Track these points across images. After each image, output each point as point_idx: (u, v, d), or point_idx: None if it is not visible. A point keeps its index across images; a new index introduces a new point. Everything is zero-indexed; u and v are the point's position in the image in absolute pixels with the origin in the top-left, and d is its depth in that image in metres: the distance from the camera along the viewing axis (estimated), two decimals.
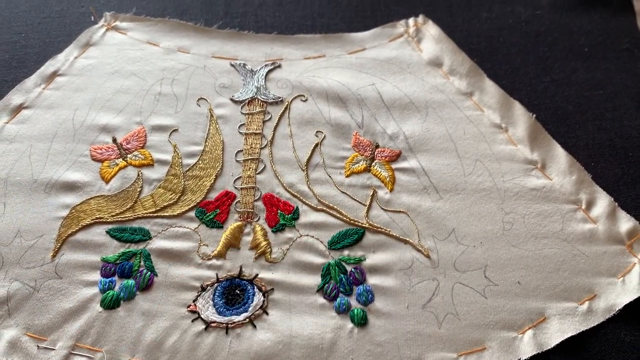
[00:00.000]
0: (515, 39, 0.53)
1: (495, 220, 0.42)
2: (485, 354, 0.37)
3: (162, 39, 0.52)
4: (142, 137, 0.46)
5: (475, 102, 0.48)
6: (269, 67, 0.50)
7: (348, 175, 0.44)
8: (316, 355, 0.37)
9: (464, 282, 0.39)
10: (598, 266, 0.40)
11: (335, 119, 0.47)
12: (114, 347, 0.37)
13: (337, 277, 0.39)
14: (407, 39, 0.52)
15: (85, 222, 0.41)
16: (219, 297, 0.39)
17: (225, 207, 0.43)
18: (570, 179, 0.43)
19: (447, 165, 0.44)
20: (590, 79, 0.50)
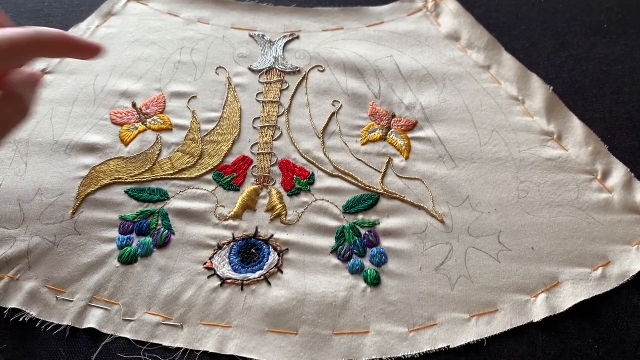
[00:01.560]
0: (533, 14, 0.53)
1: (510, 188, 0.42)
2: (497, 315, 0.37)
3: (182, 10, 0.53)
4: (161, 102, 0.47)
5: (492, 74, 0.48)
6: (287, 38, 0.51)
7: (364, 143, 0.44)
8: (329, 312, 0.37)
9: (478, 247, 0.39)
10: (612, 234, 0.39)
11: (352, 89, 0.47)
12: (130, 300, 0.37)
13: (351, 239, 0.40)
14: (425, 13, 0.52)
15: (104, 182, 0.42)
16: (235, 255, 0.39)
17: (242, 171, 0.43)
18: (586, 149, 0.43)
19: (463, 134, 0.44)
20: (609, 54, 0.50)
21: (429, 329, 0.37)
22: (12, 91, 0.36)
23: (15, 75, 0.36)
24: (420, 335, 0.36)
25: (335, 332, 0.36)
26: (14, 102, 0.36)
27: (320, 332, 0.36)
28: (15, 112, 0.36)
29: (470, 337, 0.36)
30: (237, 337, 0.36)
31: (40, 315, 0.37)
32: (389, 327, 0.37)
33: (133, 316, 0.37)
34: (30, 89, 0.37)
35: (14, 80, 0.36)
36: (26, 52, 0.35)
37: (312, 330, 0.36)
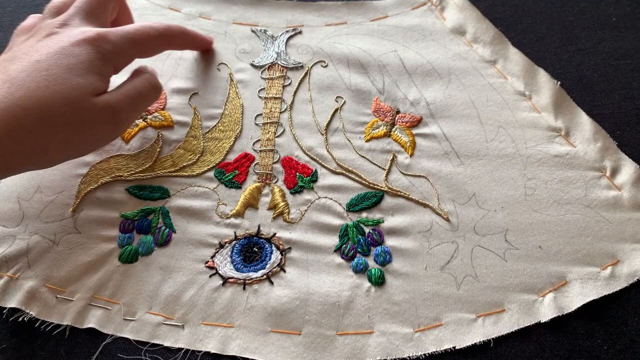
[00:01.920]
0: (540, 8, 0.52)
1: (517, 185, 0.41)
2: (504, 315, 0.36)
3: (183, 5, 0.52)
4: (162, 99, 0.46)
5: (499, 69, 0.47)
6: (290, 33, 0.50)
7: (368, 140, 0.44)
8: (333, 312, 0.36)
9: (484, 246, 0.39)
10: (622, 232, 0.39)
11: (355, 85, 0.46)
12: (131, 300, 0.37)
13: (355, 238, 0.39)
14: (430, 7, 0.51)
15: (104, 180, 0.42)
16: (237, 254, 0.39)
17: (244, 169, 0.42)
18: (595, 146, 0.42)
19: (469, 131, 0.44)
20: (617, 48, 0.49)
21: (434, 329, 0.36)
22: (144, 70, 0.41)
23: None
24: (425, 336, 0.36)
25: (339, 332, 0.36)
26: (149, 78, 0.40)
27: (324, 333, 0.36)
28: (151, 86, 0.40)
29: (477, 337, 0.35)
30: (240, 338, 0.36)
31: (40, 315, 0.36)
32: (393, 328, 0.36)
33: (134, 316, 0.37)
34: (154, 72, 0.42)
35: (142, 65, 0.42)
36: (157, 45, 0.42)
37: (315, 330, 0.36)
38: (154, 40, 0.41)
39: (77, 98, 0.34)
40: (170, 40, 0.43)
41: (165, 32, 0.41)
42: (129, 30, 0.39)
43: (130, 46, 0.39)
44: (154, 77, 0.41)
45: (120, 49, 0.38)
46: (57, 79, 0.34)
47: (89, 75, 0.35)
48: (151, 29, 0.40)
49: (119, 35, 0.38)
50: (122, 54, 0.38)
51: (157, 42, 0.41)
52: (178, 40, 0.44)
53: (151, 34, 0.40)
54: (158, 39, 0.41)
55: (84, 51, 0.36)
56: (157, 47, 0.42)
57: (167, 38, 0.42)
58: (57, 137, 0.34)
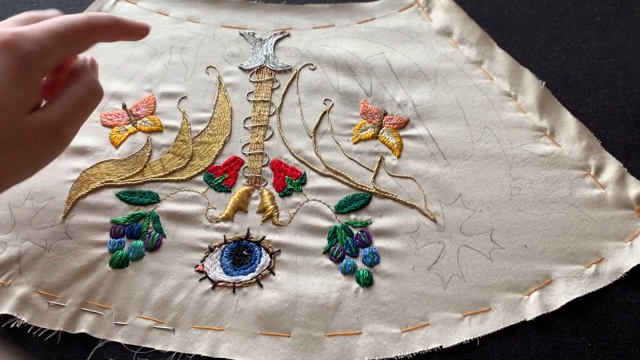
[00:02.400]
0: (526, 8, 0.52)
1: (503, 185, 0.41)
2: (491, 314, 0.37)
3: (171, 9, 0.53)
4: (151, 103, 0.46)
5: (484, 70, 0.47)
6: (278, 36, 0.50)
7: (356, 142, 0.44)
8: (322, 314, 0.37)
9: (470, 245, 0.39)
10: (606, 230, 0.39)
11: (343, 87, 0.47)
12: (122, 305, 0.37)
13: (344, 239, 0.40)
14: (416, 9, 0.52)
15: (95, 186, 0.42)
16: (227, 257, 0.39)
17: (234, 172, 0.43)
18: (580, 145, 0.43)
19: (455, 132, 0.44)
20: (602, 47, 0.49)
21: (421, 329, 0.36)
22: (81, 73, 0.37)
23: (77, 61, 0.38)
24: (413, 336, 0.36)
25: (328, 333, 0.36)
26: (88, 83, 0.37)
27: (313, 334, 0.36)
28: (91, 93, 0.37)
29: (464, 336, 0.36)
30: (230, 341, 0.36)
31: (32, 321, 0.37)
32: (381, 328, 0.36)
33: (125, 320, 0.37)
34: (94, 72, 0.39)
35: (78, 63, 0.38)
36: (85, 36, 0.36)
37: (304, 332, 0.36)
38: (81, 31, 0.35)
39: (6, 121, 0.31)
40: (100, 30, 0.37)
41: (93, 21, 0.36)
42: (50, 24, 0.34)
43: (55, 42, 0.34)
44: (93, 82, 0.37)
45: (44, 46, 0.33)
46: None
47: (13, 90, 0.31)
48: (76, 19, 0.35)
49: (40, 31, 0.33)
50: (47, 52, 0.33)
51: (86, 34, 0.36)
52: (109, 29, 0.38)
53: (77, 24, 0.35)
54: (86, 29, 0.35)
55: (1, 61, 0.31)
56: (87, 39, 0.36)
57: (96, 28, 0.36)
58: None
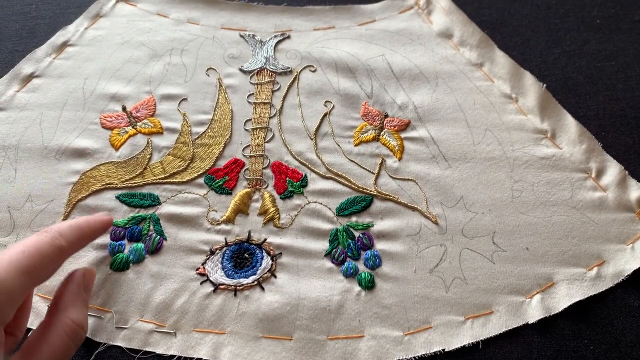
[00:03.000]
0: (526, 10, 0.52)
1: (504, 188, 0.41)
2: (493, 317, 0.37)
3: (171, 11, 0.52)
4: (151, 105, 0.46)
5: (485, 72, 0.47)
6: (278, 38, 0.50)
7: (357, 144, 0.44)
8: (323, 317, 0.37)
9: (472, 248, 0.39)
10: (607, 233, 0.39)
11: (344, 89, 0.47)
12: (123, 308, 0.37)
13: (345, 242, 0.40)
14: (417, 11, 0.52)
15: (95, 188, 0.42)
16: (228, 260, 0.39)
17: (234, 174, 0.43)
18: (580, 147, 0.43)
19: (457, 134, 0.44)
20: (602, 50, 0.49)
21: (424, 332, 0.36)
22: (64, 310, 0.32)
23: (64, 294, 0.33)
24: (415, 339, 0.36)
25: (330, 337, 0.36)
26: (69, 329, 0.31)
27: (315, 338, 0.36)
28: (73, 341, 0.31)
29: (466, 339, 0.36)
30: (231, 344, 0.36)
31: (32, 325, 0.36)
32: (384, 331, 0.36)
33: (126, 324, 0.37)
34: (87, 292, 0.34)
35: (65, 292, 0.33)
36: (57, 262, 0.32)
37: (306, 335, 0.36)
38: (48, 258, 0.30)
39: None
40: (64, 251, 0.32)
41: (57, 241, 0.31)
42: (10, 258, 0.28)
43: (20, 280, 0.28)
44: (75, 326, 0.31)
45: (9, 291, 0.27)
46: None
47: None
48: (40, 243, 0.30)
49: (3, 271, 0.27)
50: (13, 296, 0.28)
51: (53, 260, 0.31)
52: (74, 243, 0.33)
53: (44, 250, 0.30)
54: (52, 254, 0.31)
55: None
56: (54, 266, 0.31)
57: (59, 249, 0.31)
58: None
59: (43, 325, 0.31)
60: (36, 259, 0.29)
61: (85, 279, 0.34)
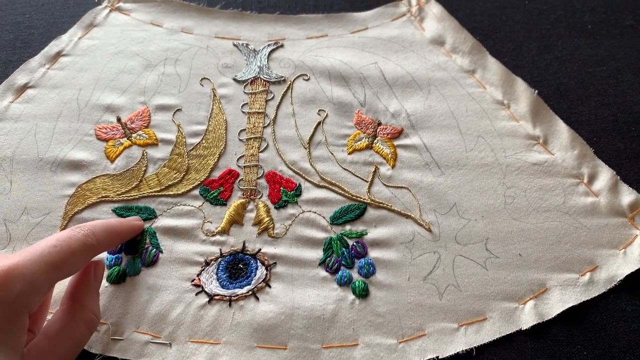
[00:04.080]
0: (518, 16, 0.53)
1: (497, 194, 0.42)
2: (486, 324, 0.37)
3: (165, 20, 0.53)
4: (146, 116, 0.46)
5: (477, 79, 0.48)
6: (272, 46, 0.50)
7: (350, 153, 0.44)
8: (318, 326, 0.37)
9: (465, 255, 0.39)
10: (600, 238, 0.40)
11: (337, 98, 0.47)
12: (119, 320, 0.37)
13: (339, 250, 0.40)
14: (409, 18, 0.52)
15: (91, 201, 0.42)
16: (223, 271, 0.39)
17: (229, 185, 0.43)
18: (572, 153, 0.43)
19: (449, 141, 0.44)
20: (593, 55, 0.50)
21: (418, 339, 0.37)
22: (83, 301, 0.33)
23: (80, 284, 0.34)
24: (409, 347, 0.36)
25: (325, 345, 0.36)
26: (89, 320, 0.33)
27: (310, 347, 0.36)
28: (90, 330, 0.33)
29: (460, 346, 0.36)
30: (226, 354, 0.36)
31: None
32: (378, 339, 0.37)
33: (122, 335, 0.37)
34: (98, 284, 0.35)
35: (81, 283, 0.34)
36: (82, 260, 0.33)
37: (301, 344, 0.36)
38: (78, 254, 0.31)
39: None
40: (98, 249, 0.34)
41: (89, 240, 0.32)
42: (41, 251, 0.29)
43: (53, 274, 0.29)
44: (93, 316, 0.33)
45: (35, 284, 0.28)
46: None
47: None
48: (71, 240, 0.31)
49: (35, 263, 0.28)
50: (40, 289, 0.29)
51: (82, 256, 0.32)
52: (104, 243, 0.35)
53: (74, 248, 0.31)
54: (83, 251, 0.32)
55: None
56: (82, 263, 0.33)
57: (92, 247, 0.33)
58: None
59: (61, 314, 0.32)
60: (66, 255, 0.30)
61: (96, 270, 0.35)
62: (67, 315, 0.32)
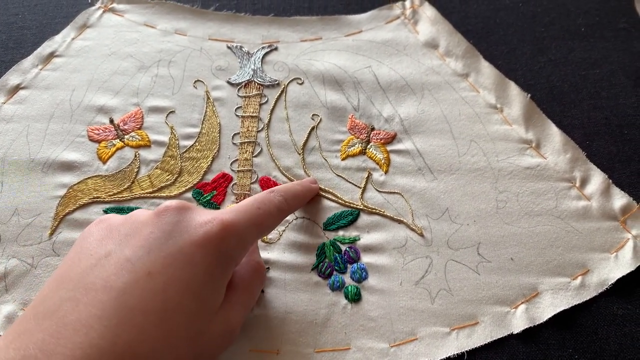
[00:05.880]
0: (512, 19, 0.53)
1: (489, 199, 0.42)
2: (478, 328, 0.37)
3: (159, 21, 0.52)
4: (139, 118, 0.46)
5: (470, 83, 0.48)
6: (266, 49, 0.50)
7: (344, 158, 0.44)
8: (310, 330, 0.37)
9: (457, 259, 0.39)
10: (591, 242, 0.40)
11: (331, 102, 0.47)
12: None
13: (332, 256, 0.40)
14: (403, 21, 0.52)
15: (82, 202, 0.42)
16: None
17: (222, 189, 0.43)
18: (565, 157, 0.43)
19: (442, 146, 0.44)
20: (587, 58, 0.50)
21: (409, 344, 0.37)
22: (253, 255, 0.35)
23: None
24: (401, 351, 0.36)
25: (317, 350, 0.37)
26: (261, 274, 0.35)
27: (302, 351, 0.36)
28: (262, 283, 0.36)
29: (451, 350, 0.36)
30: (218, 358, 0.36)
31: None
32: (370, 344, 0.37)
33: None
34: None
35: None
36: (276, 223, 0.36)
37: (293, 349, 0.36)
38: (273, 216, 0.34)
39: (196, 330, 0.27)
40: (285, 214, 0.37)
41: (283, 206, 0.35)
42: (250, 209, 0.32)
43: (255, 232, 0.32)
44: (262, 268, 0.35)
45: (245, 242, 0.31)
46: (174, 309, 0.26)
47: (210, 295, 0.29)
48: (270, 203, 0.34)
49: (245, 222, 0.31)
50: (247, 245, 0.31)
51: (275, 219, 0.35)
52: (293, 207, 0.38)
53: (271, 210, 0.33)
54: (277, 214, 0.34)
55: (204, 257, 0.28)
56: (275, 225, 0.36)
57: (285, 212, 0.36)
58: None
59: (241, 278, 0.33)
60: (267, 217, 0.33)
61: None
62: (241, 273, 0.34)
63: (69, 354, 0.23)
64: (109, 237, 0.29)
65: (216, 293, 0.29)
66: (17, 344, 0.24)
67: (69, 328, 0.24)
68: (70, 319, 0.25)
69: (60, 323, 0.24)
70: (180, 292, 0.26)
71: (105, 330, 0.24)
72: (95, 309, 0.25)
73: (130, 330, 0.25)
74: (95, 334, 0.24)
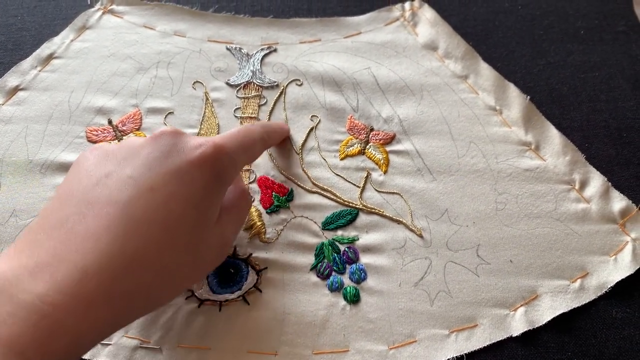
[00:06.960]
0: (511, 22, 0.53)
1: (489, 200, 0.42)
2: (477, 330, 0.37)
3: (158, 23, 0.52)
4: (137, 119, 0.46)
5: (470, 85, 0.48)
6: (265, 51, 0.50)
7: (342, 158, 0.44)
8: (308, 331, 0.37)
9: (456, 261, 0.39)
10: (590, 245, 0.40)
11: (330, 103, 0.47)
12: None
13: (331, 256, 0.40)
14: (402, 23, 0.52)
15: None
16: (213, 276, 0.39)
17: None
18: (564, 159, 0.43)
19: (441, 147, 0.44)
20: (586, 61, 0.50)
21: (408, 346, 0.37)
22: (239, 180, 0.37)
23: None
24: (400, 353, 0.36)
25: (315, 351, 0.36)
26: (247, 195, 0.37)
27: (300, 353, 0.36)
28: (249, 205, 0.38)
29: (450, 353, 0.36)
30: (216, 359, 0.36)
31: None
32: (368, 346, 0.36)
33: (110, 340, 0.37)
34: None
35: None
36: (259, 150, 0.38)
37: (291, 350, 0.36)
38: (257, 144, 0.36)
39: (196, 240, 0.29)
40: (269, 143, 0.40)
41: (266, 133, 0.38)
42: (237, 136, 0.34)
43: (243, 156, 0.34)
44: (248, 192, 0.38)
45: (236, 163, 0.33)
46: (177, 220, 0.28)
47: (208, 209, 0.30)
48: (255, 132, 0.36)
49: (234, 145, 0.32)
50: (237, 167, 0.33)
51: (259, 147, 0.37)
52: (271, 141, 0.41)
53: (255, 138, 0.36)
54: (260, 143, 0.37)
55: (201, 175, 0.30)
56: (259, 152, 0.38)
57: (266, 143, 0.39)
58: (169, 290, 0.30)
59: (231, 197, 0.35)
60: (253, 143, 0.35)
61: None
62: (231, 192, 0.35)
63: (80, 260, 0.24)
64: (107, 160, 0.30)
65: (213, 207, 0.31)
66: (29, 251, 0.25)
67: (79, 237, 0.25)
68: (79, 229, 0.26)
69: (69, 233, 0.26)
70: (182, 205, 0.28)
71: (113, 238, 0.25)
72: (103, 220, 0.26)
73: (137, 238, 0.26)
74: (104, 242, 0.25)
